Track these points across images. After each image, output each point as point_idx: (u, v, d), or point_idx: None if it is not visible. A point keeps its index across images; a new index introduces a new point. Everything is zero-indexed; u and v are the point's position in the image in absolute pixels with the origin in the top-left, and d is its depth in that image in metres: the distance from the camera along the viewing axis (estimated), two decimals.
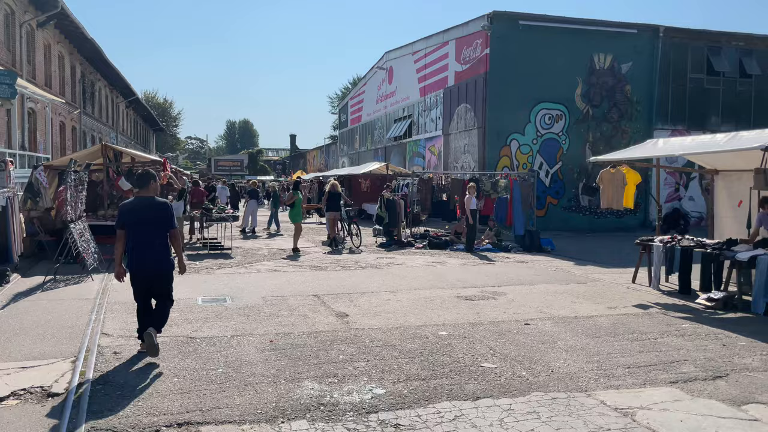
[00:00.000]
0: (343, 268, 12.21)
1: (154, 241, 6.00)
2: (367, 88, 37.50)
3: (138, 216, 5.97)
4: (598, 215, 22.45)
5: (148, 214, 6.00)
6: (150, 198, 6.11)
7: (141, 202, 6.07)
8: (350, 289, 9.75)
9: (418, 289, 9.80)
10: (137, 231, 5.95)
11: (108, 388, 5.15)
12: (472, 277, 11.08)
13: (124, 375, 5.49)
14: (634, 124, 22.71)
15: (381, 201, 16.90)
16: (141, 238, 5.95)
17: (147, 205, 6.05)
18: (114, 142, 41.95)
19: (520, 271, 11.93)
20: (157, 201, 6.15)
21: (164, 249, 6.08)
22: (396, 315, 7.92)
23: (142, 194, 6.15)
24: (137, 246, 5.96)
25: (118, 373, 5.53)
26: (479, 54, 21.73)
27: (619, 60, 22.30)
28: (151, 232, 5.99)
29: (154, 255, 6.01)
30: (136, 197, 6.22)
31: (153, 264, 6.03)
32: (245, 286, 9.94)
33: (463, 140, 23.16)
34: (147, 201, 6.07)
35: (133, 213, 5.98)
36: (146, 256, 5.98)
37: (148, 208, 6.02)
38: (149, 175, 6.33)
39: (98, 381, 5.32)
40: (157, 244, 6.02)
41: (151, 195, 6.15)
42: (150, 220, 6.00)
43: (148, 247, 5.97)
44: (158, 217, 6.03)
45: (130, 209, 6.02)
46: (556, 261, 13.58)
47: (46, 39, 25.98)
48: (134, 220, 5.96)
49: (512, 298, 9.16)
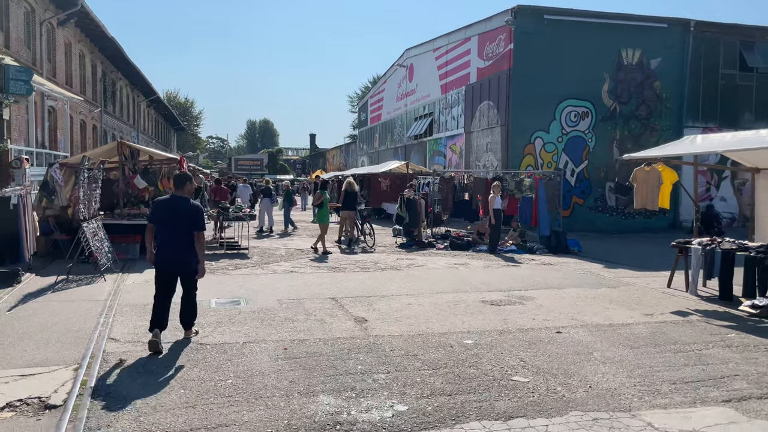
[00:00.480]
0: (362, 269, 11.79)
1: (179, 241, 6.16)
2: (387, 86, 37.07)
3: (169, 214, 6.17)
4: (625, 216, 21.76)
5: (179, 214, 6.16)
6: (184, 198, 6.30)
7: (175, 201, 6.28)
8: (369, 292, 9.33)
9: (440, 293, 9.34)
10: (166, 229, 6.17)
11: (109, 400, 4.78)
12: (496, 280, 10.59)
13: (128, 385, 5.12)
14: (664, 122, 21.95)
15: (401, 200, 16.46)
16: (168, 236, 6.15)
17: (180, 205, 6.22)
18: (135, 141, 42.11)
19: (547, 274, 11.39)
20: (189, 203, 6.32)
21: (189, 249, 6.21)
22: (418, 321, 7.47)
23: (178, 194, 6.36)
24: (164, 243, 6.16)
25: (122, 384, 5.17)
26: (503, 50, 21.17)
27: (647, 55, 21.55)
28: (179, 232, 6.15)
29: (179, 253, 6.17)
30: (171, 196, 6.45)
31: (177, 262, 6.21)
32: (261, 288, 9.58)
33: (486, 138, 22.61)
34: (181, 201, 6.27)
35: (164, 211, 6.20)
36: (171, 253, 6.16)
37: (181, 209, 6.19)
38: (186, 177, 6.57)
39: (100, 392, 4.96)
40: (182, 244, 6.18)
41: (185, 196, 6.34)
42: (180, 219, 6.15)
43: (174, 246, 6.15)
44: (188, 218, 6.17)
45: (163, 207, 6.25)
46: (584, 263, 13.01)
47: (67, 37, 26.00)
48: (164, 218, 6.17)
49: (541, 303, 8.65)
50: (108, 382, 5.21)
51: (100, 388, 5.04)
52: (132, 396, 4.86)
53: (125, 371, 5.49)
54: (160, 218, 6.20)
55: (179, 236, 6.14)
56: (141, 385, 5.13)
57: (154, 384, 5.13)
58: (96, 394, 4.90)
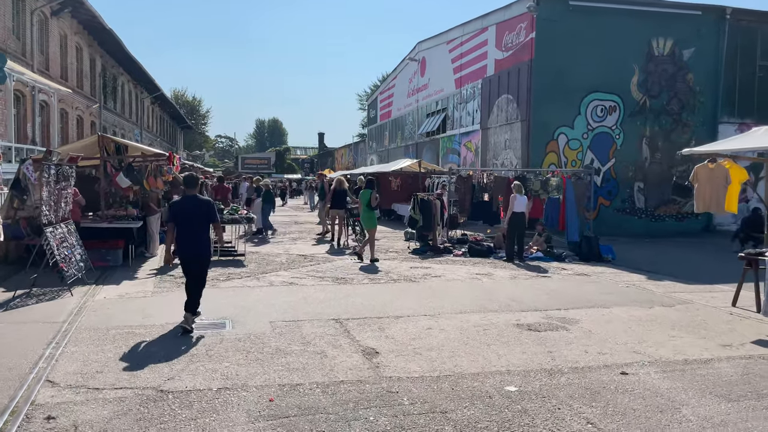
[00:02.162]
0: (371, 280, 10.31)
1: (197, 233, 6.91)
2: (397, 81, 35.56)
3: (186, 212, 6.88)
4: (655, 218, 20.17)
5: (194, 210, 6.89)
6: (195, 196, 7.06)
7: (189, 200, 7.00)
8: (380, 311, 7.85)
9: (464, 313, 7.85)
10: (184, 225, 6.86)
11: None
12: (528, 296, 9.07)
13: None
14: (697, 117, 20.30)
15: (414, 201, 14.96)
16: (187, 231, 6.87)
17: (194, 203, 6.96)
18: (138, 139, 40.87)
19: (585, 288, 9.86)
20: (201, 199, 7.13)
21: (206, 241, 7.07)
22: (441, 354, 5.98)
23: (190, 193, 7.10)
24: (183, 238, 6.89)
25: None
26: (523, 39, 19.61)
27: (680, 45, 19.92)
28: (196, 226, 6.90)
29: (197, 244, 6.94)
30: (185, 196, 7.17)
31: (196, 253, 6.95)
32: (253, 305, 8.12)
33: (504, 135, 21.05)
34: (194, 199, 7.01)
35: (182, 210, 6.91)
36: (190, 246, 6.92)
37: (196, 206, 6.93)
38: (196, 178, 7.43)
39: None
40: (199, 235, 6.95)
41: (195, 193, 7.11)
42: (196, 215, 6.88)
43: (192, 238, 6.90)
44: (202, 213, 6.92)
45: (181, 207, 6.97)
46: (623, 274, 11.46)
47: (62, 29, 24.69)
48: (183, 217, 6.86)
49: (588, 327, 7.13)
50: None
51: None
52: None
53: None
54: (180, 217, 6.87)
55: (196, 231, 6.91)
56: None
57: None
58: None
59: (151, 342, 6.28)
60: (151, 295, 8.82)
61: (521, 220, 12.98)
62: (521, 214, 12.96)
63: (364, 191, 12.92)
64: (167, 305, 8.04)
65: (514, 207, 12.92)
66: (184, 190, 7.38)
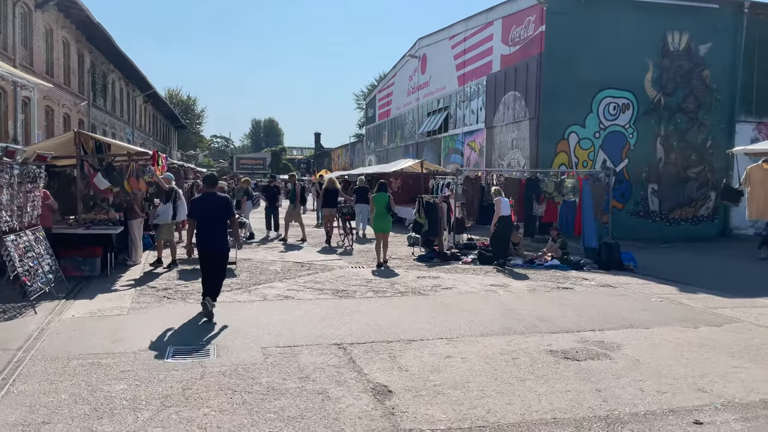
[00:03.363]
0: (375, 293, 9.27)
1: (216, 228, 7.44)
2: (396, 79, 34.52)
3: (206, 209, 7.43)
4: (669, 222, 19.20)
5: (214, 207, 7.45)
6: (214, 193, 7.70)
7: (209, 197, 7.59)
8: (388, 333, 6.82)
9: (486, 335, 6.81)
10: (203, 220, 7.40)
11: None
12: (554, 313, 8.04)
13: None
14: (713, 116, 19.32)
15: (419, 204, 13.93)
16: (207, 226, 7.40)
17: (214, 200, 7.54)
18: (130, 138, 39.67)
19: (615, 303, 8.84)
20: (220, 196, 7.75)
21: (223, 235, 7.54)
22: (469, 393, 4.95)
23: (210, 191, 7.74)
24: (203, 232, 7.40)
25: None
26: (532, 33, 18.60)
27: (696, 40, 18.95)
28: (214, 221, 7.43)
29: (215, 239, 7.46)
30: (204, 193, 7.78)
31: (214, 245, 7.45)
32: (242, 326, 7.07)
33: (511, 134, 20.04)
34: (213, 196, 7.61)
35: (203, 207, 7.45)
36: (209, 239, 7.42)
37: (215, 203, 7.50)
38: (216, 177, 8.20)
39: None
40: (217, 231, 7.45)
41: (214, 191, 7.75)
42: (215, 212, 7.44)
43: (212, 232, 7.42)
44: (221, 210, 7.49)
45: (201, 204, 7.51)
46: (651, 285, 10.45)
47: (47, 22, 23.56)
48: (202, 212, 7.42)
49: (634, 355, 6.11)
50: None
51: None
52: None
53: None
54: (201, 214, 7.43)
55: (214, 225, 7.44)
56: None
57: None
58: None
59: (118, 376, 5.23)
60: (127, 312, 7.75)
61: (509, 223, 12.40)
62: (508, 218, 12.36)
63: (379, 195, 12.50)
64: (143, 326, 6.99)
65: (500, 211, 12.21)
66: (204, 188, 8.15)
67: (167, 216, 11.14)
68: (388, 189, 12.87)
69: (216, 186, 8.02)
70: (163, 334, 6.64)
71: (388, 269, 11.74)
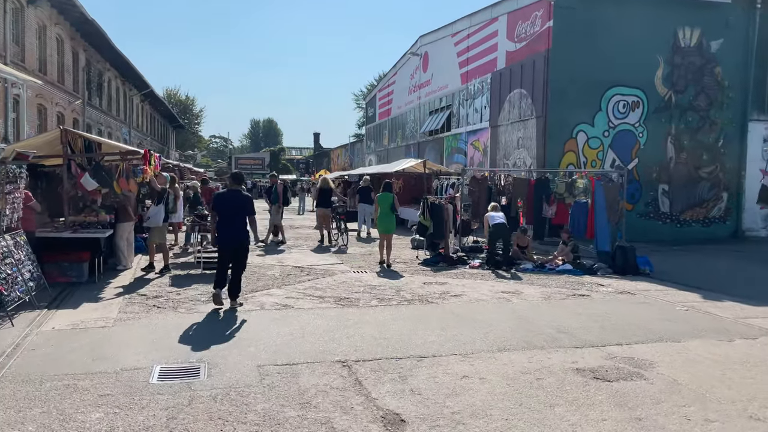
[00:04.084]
0: (380, 302, 8.68)
1: (236, 223, 7.95)
2: (397, 77, 33.92)
3: (229, 205, 7.96)
4: (680, 223, 18.62)
5: (236, 204, 7.97)
6: (238, 191, 8.20)
7: (232, 194, 8.13)
8: (397, 348, 6.23)
9: (504, 350, 6.22)
10: (227, 215, 7.93)
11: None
12: (574, 323, 7.45)
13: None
14: (725, 114, 18.74)
15: (424, 206, 13.33)
16: (228, 220, 7.93)
17: (236, 196, 8.06)
18: (126, 138, 39.05)
19: (638, 313, 8.24)
20: (242, 194, 8.20)
21: (243, 229, 8.01)
22: (492, 424, 4.35)
23: (234, 188, 8.24)
24: (224, 226, 7.93)
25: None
26: (539, 28, 18.02)
27: (707, 36, 18.37)
28: (235, 216, 7.94)
29: (237, 232, 7.95)
30: (228, 190, 8.33)
31: (235, 238, 7.96)
32: (237, 339, 6.48)
33: (517, 132, 19.45)
34: (236, 193, 8.13)
35: (226, 203, 7.99)
36: (231, 233, 7.92)
37: (237, 199, 8.02)
38: (241, 175, 8.74)
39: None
40: (238, 226, 7.96)
41: (239, 189, 8.26)
42: (236, 208, 7.95)
43: (233, 227, 7.93)
44: (242, 206, 7.97)
45: (224, 200, 8.04)
46: (671, 291, 9.86)
47: (40, 19, 22.97)
48: (226, 208, 7.96)
49: (670, 374, 5.51)
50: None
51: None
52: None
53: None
54: (224, 209, 7.91)
55: (235, 220, 7.87)
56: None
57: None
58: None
59: (95, 402, 4.64)
60: (113, 323, 7.15)
61: (501, 228, 12.01)
62: (500, 224, 12.03)
63: (384, 194, 12.41)
64: (128, 339, 6.39)
65: (487, 224, 12.23)
66: (229, 185, 8.51)
67: (158, 218, 10.54)
68: (392, 189, 12.74)
69: (241, 184, 8.48)
70: (150, 350, 6.05)
71: (392, 273, 11.16)
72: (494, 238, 12.06)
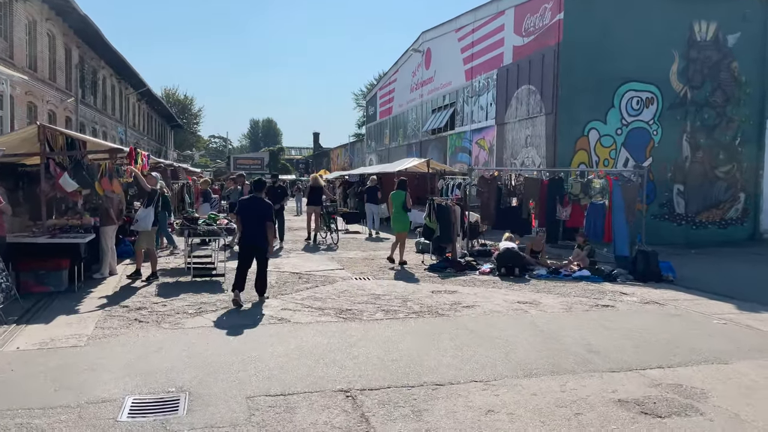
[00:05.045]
0: (386, 314, 7.88)
1: (256, 228, 8.43)
2: (399, 75, 33.12)
3: (250, 210, 8.48)
4: (696, 225, 17.81)
5: (257, 210, 8.48)
6: (260, 198, 8.64)
7: (254, 200, 8.60)
8: (407, 373, 5.43)
9: (531, 376, 5.42)
10: (247, 220, 8.46)
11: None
12: (604, 340, 6.65)
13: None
14: (742, 111, 17.95)
15: (430, 208, 12.53)
16: (249, 224, 8.45)
17: (258, 203, 8.54)
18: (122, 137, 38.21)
19: (672, 327, 7.45)
20: (264, 201, 8.63)
21: (263, 234, 8.46)
22: None
23: (257, 195, 8.73)
24: (246, 229, 8.49)
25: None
26: (548, 21, 17.22)
27: (724, 30, 17.58)
28: (256, 221, 8.42)
29: (255, 237, 8.45)
30: (251, 196, 8.79)
31: (254, 242, 8.48)
32: (224, 362, 5.68)
33: (525, 130, 18.65)
34: (258, 200, 8.59)
35: (248, 208, 8.51)
36: (250, 237, 8.48)
37: (258, 206, 8.51)
38: (264, 182, 9.23)
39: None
40: (258, 230, 8.43)
41: (261, 195, 8.72)
42: (257, 213, 8.46)
43: (252, 231, 8.45)
44: (262, 213, 8.47)
45: (247, 205, 8.56)
46: (702, 301, 9.07)
47: (30, 14, 22.15)
48: (247, 213, 8.47)
49: (728, 406, 4.72)
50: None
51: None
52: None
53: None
54: (246, 213, 8.48)
55: (256, 225, 8.42)
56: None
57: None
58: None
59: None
60: (86, 342, 6.36)
61: (507, 252, 11.40)
62: (507, 248, 11.52)
63: (397, 192, 12.37)
64: (101, 362, 5.60)
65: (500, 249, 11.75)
66: (253, 191, 8.93)
67: (147, 222, 9.71)
68: (406, 187, 12.61)
69: (263, 190, 8.84)
70: (124, 375, 5.25)
71: (398, 279, 10.35)
72: (501, 261, 11.33)
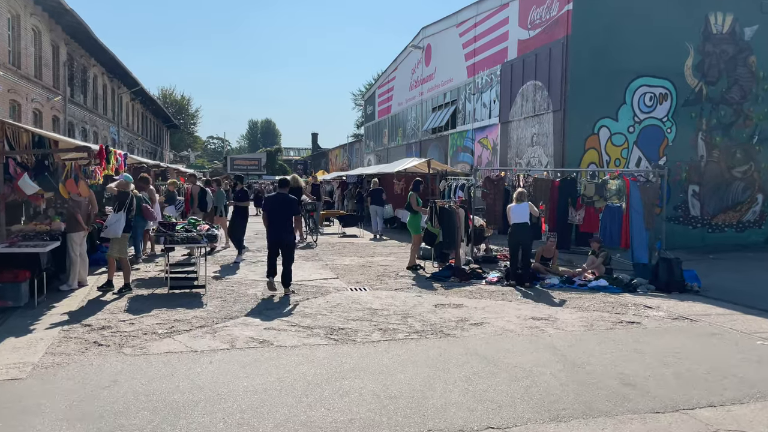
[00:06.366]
0: (383, 334, 6.91)
1: (281, 223, 9.04)
2: (398, 73, 32.16)
3: (275, 206, 9.11)
4: (711, 228, 16.87)
5: (282, 205, 9.10)
6: (285, 194, 9.27)
7: (279, 196, 9.25)
8: (409, 415, 4.47)
9: (560, 420, 4.45)
10: (273, 215, 9.07)
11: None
12: (638, 368, 5.69)
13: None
14: (760, 108, 17.00)
15: (432, 211, 11.56)
16: (275, 220, 9.06)
17: (282, 199, 9.17)
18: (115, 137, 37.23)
19: (713, 349, 6.48)
20: (288, 197, 9.24)
21: (288, 228, 9.17)
22: None
23: (281, 191, 9.37)
24: (272, 225, 9.08)
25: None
26: (556, 13, 16.27)
27: (740, 22, 16.64)
28: (281, 217, 9.05)
29: (281, 231, 9.04)
30: (277, 192, 9.46)
31: (280, 237, 9.04)
32: (189, 401, 4.71)
33: (531, 128, 17.70)
34: (282, 196, 9.22)
35: (273, 204, 9.16)
36: (276, 231, 9.06)
37: (283, 202, 9.14)
38: (287, 180, 10.10)
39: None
40: (283, 225, 9.07)
41: (285, 192, 9.35)
42: (282, 209, 9.09)
43: (277, 226, 9.05)
44: (287, 208, 9.11)
45: (273, 201, 9.25)
46: (738, 316, 8.10)
47: (13, 8, 21.18)
48: (273, 209, 9.09)
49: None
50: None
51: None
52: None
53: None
54: (271, 209, 9.10)
55: (281, 220, 9.03)
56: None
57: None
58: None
59: None
60: (29, 373, 5.38)
61: (521, 231, 10.17)
62: (521, 225, 10.17)
63: (410, 194, 12.16)
64: (39, 404, 4.61)
65: (511, 218, 10.31)
66: (278, 188, 9.55)
67: (117, 228, 8.71)
68: (419, 188, 12.24)
69: (287, 187, 9.53)
70: (62, 421, 4.28)
71: (398, 289, 9.38)
72: (513, 241, 10.23)
